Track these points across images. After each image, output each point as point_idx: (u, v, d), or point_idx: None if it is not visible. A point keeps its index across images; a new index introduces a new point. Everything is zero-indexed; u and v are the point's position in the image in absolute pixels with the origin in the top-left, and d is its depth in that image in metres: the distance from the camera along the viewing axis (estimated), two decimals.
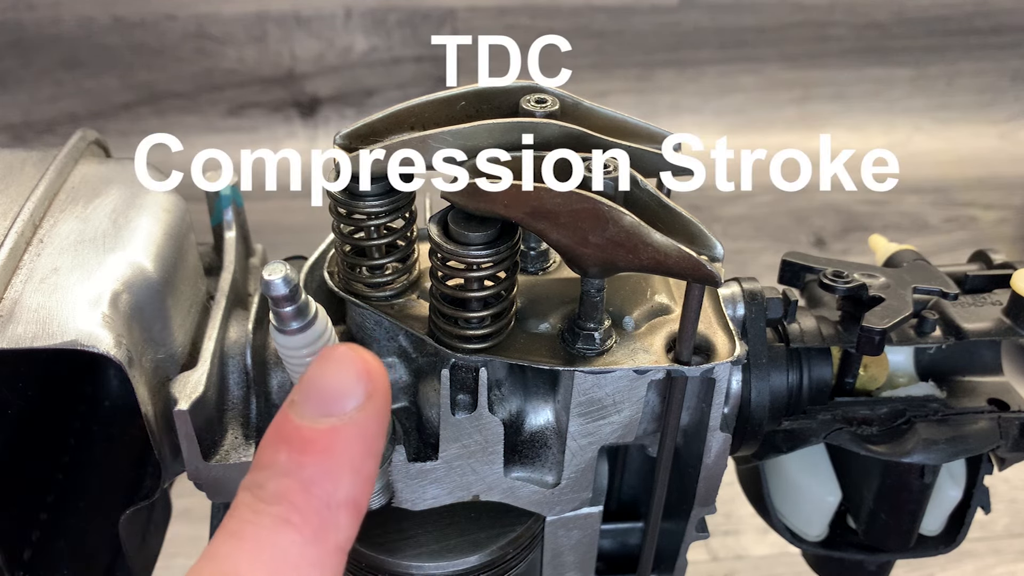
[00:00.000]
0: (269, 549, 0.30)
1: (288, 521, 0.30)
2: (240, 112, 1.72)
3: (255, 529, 0.30)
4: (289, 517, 0.30)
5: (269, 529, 0.30)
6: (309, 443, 0.31)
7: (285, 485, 0.30)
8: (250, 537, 0.30)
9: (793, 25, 1.81)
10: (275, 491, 0.30)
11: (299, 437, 0.31)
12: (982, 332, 0.52)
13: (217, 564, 0.30)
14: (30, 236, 0.45)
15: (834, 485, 0.58)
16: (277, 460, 0.31)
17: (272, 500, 0.30)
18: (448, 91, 0.41)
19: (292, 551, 0.30)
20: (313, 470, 0.30)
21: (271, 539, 0.30)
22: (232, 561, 0.30)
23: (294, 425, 0.31)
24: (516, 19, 1.72)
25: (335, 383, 0.31)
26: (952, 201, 1.78)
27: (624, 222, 0.37)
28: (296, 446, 0.31)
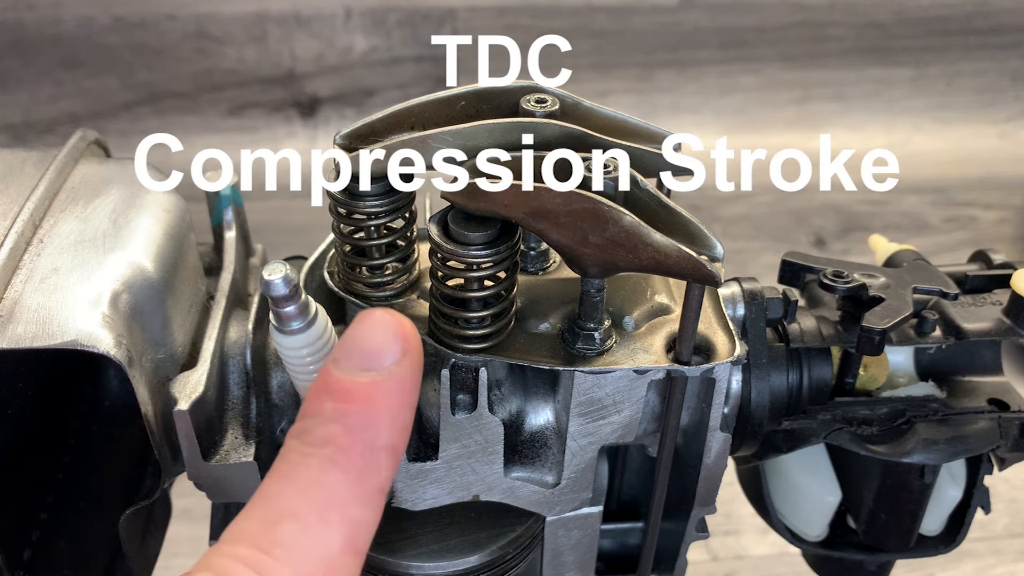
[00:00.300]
0: (318, 487, 0.32)
1: (335, 462, 0.32)
2: (240, 112, 1.72)
3: (304, 470, 0.32)
4: (335, 458, 0.32)
5: (317, 469, 0.32)
6: (352, 393, 0.33)
7: (331, 430, 0.33)
8: (300, 477, 0.32)
9: (793, 25, 1.81)
10: (322, 435, 0.33)
11: (342, 389, 0.33)
12: (982, 332, 0.52)
13: (269, 503, 0.32)
14: (30, 236, 0.45)
15: (834, 485, 0.58)
16: (323, 409, 0.33)
17: (320, 443, 0.33)
18: (448, 91, 0.41)
19: (339, 489, 0.32)
20: (356, 418, 0.33)
21: (320, 478, 0.32)
22: (283, 499, 0.32)
23: (337, 379, 0.34)
24: (516, 19, 1.72)
25: (374, 341, 0.34)
26: (952, 201, 1.78)
27: (624, 222, 0.37)
28: (340, 396, 0.33)
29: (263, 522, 0.32)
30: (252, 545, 0.31)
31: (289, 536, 0.31)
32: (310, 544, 0.31)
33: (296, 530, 0.31)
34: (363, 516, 0.33)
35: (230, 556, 0.31)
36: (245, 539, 0.31)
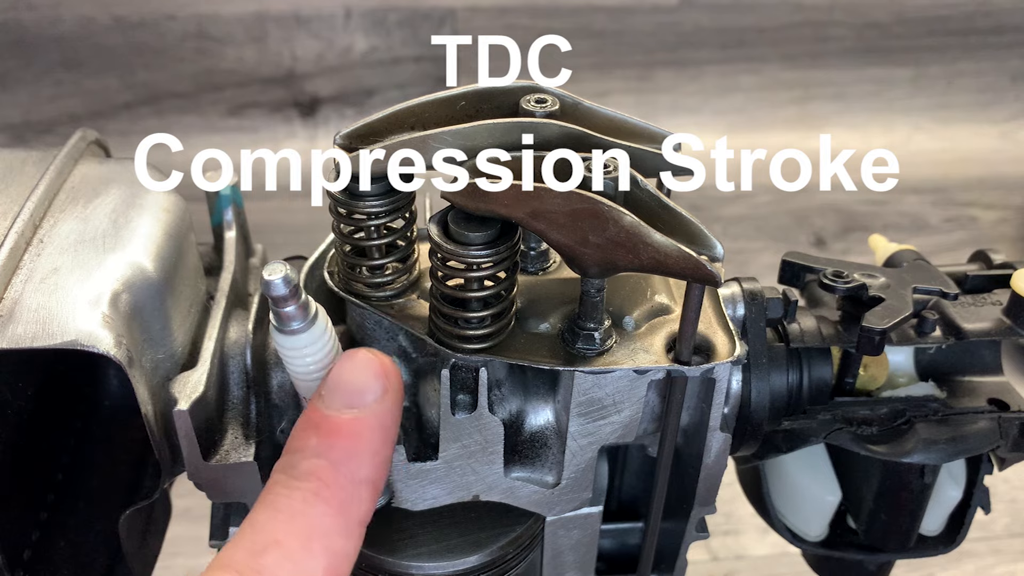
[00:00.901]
0: (302, 518, 0.34)
1: (318, 495, 0.34)
2: (240, 112, 1.72)
3: (289, 502, 0.34)
4: (319, 491, 0.34)
5: (302, 502, 0.34)
6: (336, 429, 0.35)
7: (316, 464, 0.35)
8: (285, 508, 0.34)
9: (793, 25, 1.81)
10: (307, 469, 0.35)
11: (327, 424, 0.36)
12: (982, 332, 0.52)
13: (256, 532, 0.34)
14: (30, 236, 0.45)
15: (834, 485, 0.58)
16: (308, 444, 0.35)
17: (304, 477, 0.35)
18: (448, 91, 0.41)
19: (323, 520, 0.34)
20: (340, 452, 0.35)
21: (304, 510, 0.34)
22: (270, 528, 0.34)
23: (322, 415, 0.36)
24: (516, 19, 1.72)
25: (357, 380, 0.37)
26: (952, 201, 1.78)
27: (624, 222, 0.37)
28: (324, 432, 0.35)
29: (250, 551, 0.33)
30: (238, 572, 0.32)
31: (274, 564, 0.33)
32: (294, 572, 0.33)
33: (280, 558, 0.33)
34: (345, 547, 0.35)
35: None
36: (232, 565, 0.33)
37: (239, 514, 0.50)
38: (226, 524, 0.51)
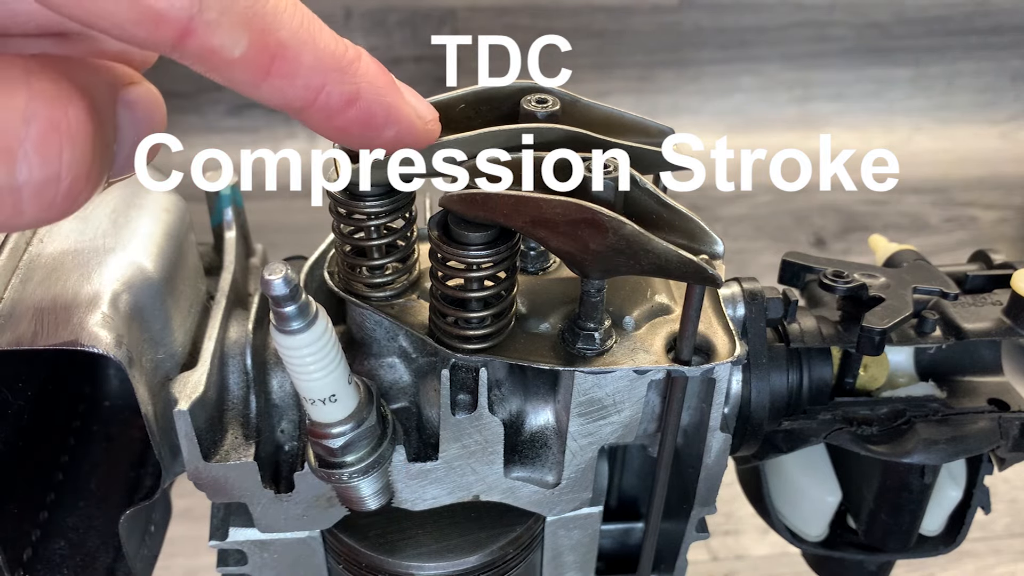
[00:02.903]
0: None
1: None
2: (240, 112, 1.72)
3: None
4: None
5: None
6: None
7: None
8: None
9: (793, 25, 1.81)
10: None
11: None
12: (982, 332, 0.52)
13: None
14: (30, 236, 0.45)
15: (834, 485, 0.58)
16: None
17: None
18: (447, 94, 0.41)
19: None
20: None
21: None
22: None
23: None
24: (516, 19, 1.72)
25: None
26: (952, 201, 1.78)
27: (624, 231, 0.37)
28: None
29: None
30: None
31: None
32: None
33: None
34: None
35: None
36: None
37: (239, 514, 0.50)
38: (226, 524, 0.51)
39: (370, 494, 0.44)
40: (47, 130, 0.26)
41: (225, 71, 0.28)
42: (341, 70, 0.31)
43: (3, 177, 0.25)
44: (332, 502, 0.48)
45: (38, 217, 0.27)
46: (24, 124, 0.25)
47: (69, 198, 0.27)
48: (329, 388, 0.40)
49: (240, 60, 0.28)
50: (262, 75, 0.29)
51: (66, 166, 0.26)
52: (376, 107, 0.32)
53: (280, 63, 0.29)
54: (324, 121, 0.32)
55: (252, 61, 0.28)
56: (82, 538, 0.51)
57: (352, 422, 0.41)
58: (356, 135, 0.33)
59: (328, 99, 0.31)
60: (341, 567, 0.52)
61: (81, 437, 0.54)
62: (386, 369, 0.48)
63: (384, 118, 0.33)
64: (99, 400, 0.55)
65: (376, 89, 0.32)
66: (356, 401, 0.41)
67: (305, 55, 0.29)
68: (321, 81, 0.30)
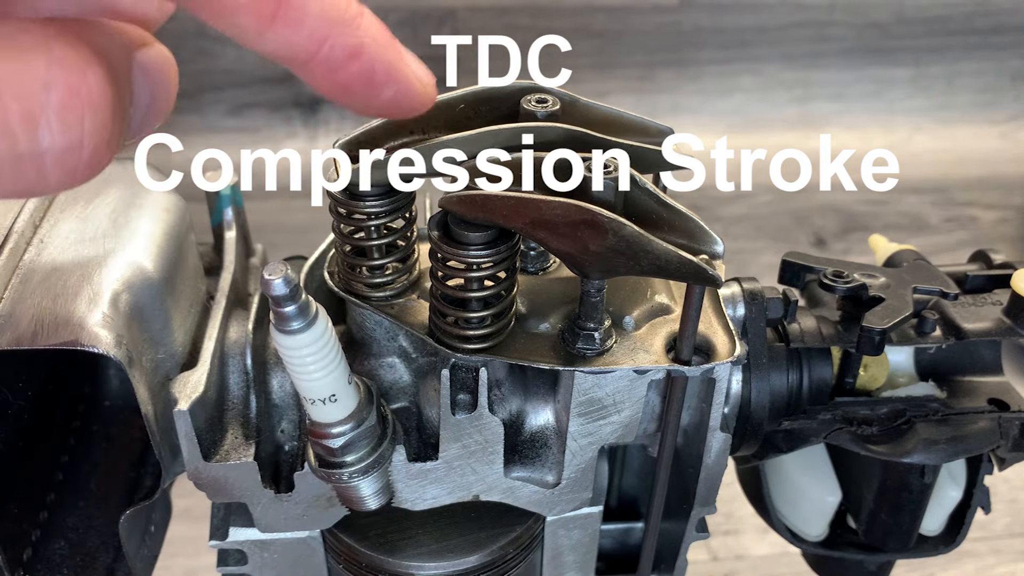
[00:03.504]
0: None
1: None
2: (240, 112, 1.72)
3: None
4: None
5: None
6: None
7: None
8: None
9: (793, 25, 1.81)
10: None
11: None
12: (982, 332, 0.52)
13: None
14: (30, 236, 0.45)
15: (834, 485, 0.58)
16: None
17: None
18: (447, 94, 0.41)
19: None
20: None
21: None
22: None
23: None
24: (516, 19, 1.72)
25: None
26: (952, 201, 1.78)
27: (624, 232, 0.37)
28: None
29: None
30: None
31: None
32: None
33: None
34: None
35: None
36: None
37: (239, 514, 0.50)
38: (226, 524, 0.51)
39: (370, 494, 0.44)
40: (68, 96, 0.25)
41: (230, 16, 0.28)
42: (345, 23, 0.31)
43: (26, 144, 0.25)
44: (332, 502, 0.48)
45: (61, 183, 0.27)
46: (45, 90, 0.25)
47: (91, 164, 0.27)
48: (329, 388, 0.40)
49: (246, 5, 0.27)
50: (267, 21, 0.28)
51: (88, 133, 0.26)
52: (378, 64, 0.32)
53: (286, 9, 0.28)
54: (326, 75, 0.31)
55: (258, 6, 0.28)
56: (82, 538, 0.51)
57: (352, 422, 0.41)
58: (357, 92, 0.33)
59: (331, 51, 0.31)
60: (341, 567, 0.52)
61: (81, 437, 0.54)
62: (386, 369, 0.48)
63: (385, 76, 0.33)
64: (99, 400, 0.55)
65: (379, 45, 0.32)
66: (356, 401, 0.41)
67: (311, 4, 0.29)
68: (326, 32, 0.30)
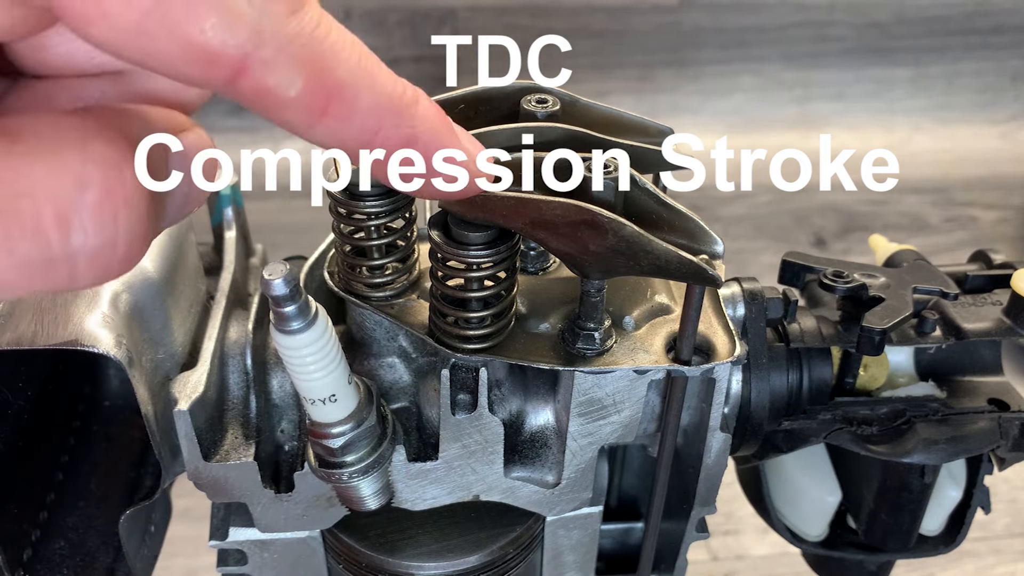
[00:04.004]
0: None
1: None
2: (240, 112, 1.71)
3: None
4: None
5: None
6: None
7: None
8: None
9: (793, 25, 1.81)
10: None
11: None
12: (982, 332, 0.52)
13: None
14: None
15: (834, 485, 0.58)
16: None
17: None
18: (446, 94, 0.41)
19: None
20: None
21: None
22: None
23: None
24: (516, 19, 1.72)
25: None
26: (952, 201, 1.78)
27: (624, 232, 0.37)
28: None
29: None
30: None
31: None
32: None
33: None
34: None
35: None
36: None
37: (239, 514, 0.50)
38: (226, 524, 0.51)
39: (370, 494, 0.44)
40: (103, 196, 0.24)
41: (279, 111, 0.27)
42: (398, 112, 0.30)
43: (58, 246, 0.24)
44: (332, 502, 0.48)
45: (94, 281, 0.26)
46: (79, 190, 0.24)
47: (126, 260, 0.26)
48: (329, 388, 0.40)
49: (295, 100, 0.27)
50: (317, 116, 0.28)
51: (123, 231, 0.25)
52: (432, 152, 0.32)
53: (337, 104, 0.28)
54: (378, 165, 0.31)
55: (307, 101, 0.27)
56: (82, 538, 0.51)
57: (352, 422, 0.41)
58: (410, 182, 0.32)
59: (384, 142, 0.30)
60: (341, 567, 0.52)
61: (81, 437, 0.54)
62: (386, 369, 0.48)
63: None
64: (99, 400, 0.55)
65: (434, 134, 0.31)
66: (356, 401, 0.41)
67: (362, 96, 0.28)
68: (377, 123, 0.29)
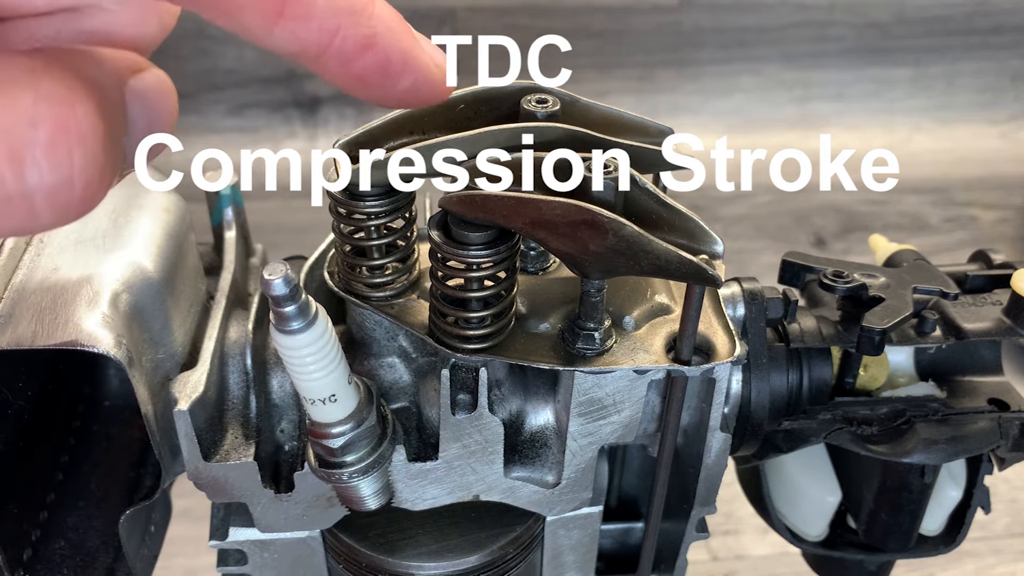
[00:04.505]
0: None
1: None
2: (240, 112, 1.72)
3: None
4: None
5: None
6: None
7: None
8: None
9: (793, 25, 1.81)
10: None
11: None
12: (982, 332, 0.52)
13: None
14: (30, 236, 0.45)
15: (834, 485, 0.58)
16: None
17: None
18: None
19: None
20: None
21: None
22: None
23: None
24: (516, 19, 1.72)
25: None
26: (952, 201, 1.78)
27: (624, 232, 0.37)
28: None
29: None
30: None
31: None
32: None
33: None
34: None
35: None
36: None
37: (239, 514, 0.50)
38: (226, 524, 0.51)
39: (370, 494, 0.44)
40: (55, 133, 0.24)
41: (236, 14, 0.27)
42: (356, 12, 0.30)
43: (12, 183, 0.24)
44: (332, 502, 0.48)
45: (54, 220, 0.26)
46: (31, 127, 0.24)
47: (84, 199, 0.26)
48: (329, 388, 0.40)
49: (251, 2, 0.26)
50: (274, 17, 0.27)
51: (78, 168, 0.25)
52: (393, 52, 0.31)
53: (292, 5, 0.27)
54: (340, 68, 0.30)
55: (263, 2, 0.27)
56: (82, 538, 0.51)
57: (352, 422, 0.41)
58: (373, 83, 0.31)
59: (343, 43, 0.29)
60: (341, 567, 0.52)
61: (81, 437, 0.54)
62: (386, 369, 0.48)
63: (401, 64, 0.32)
64: (99, 400, 0.55)
65: (393, 33, 0.31)
66: (356, 401, 0.41)
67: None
68: (336, 23, 0.29)
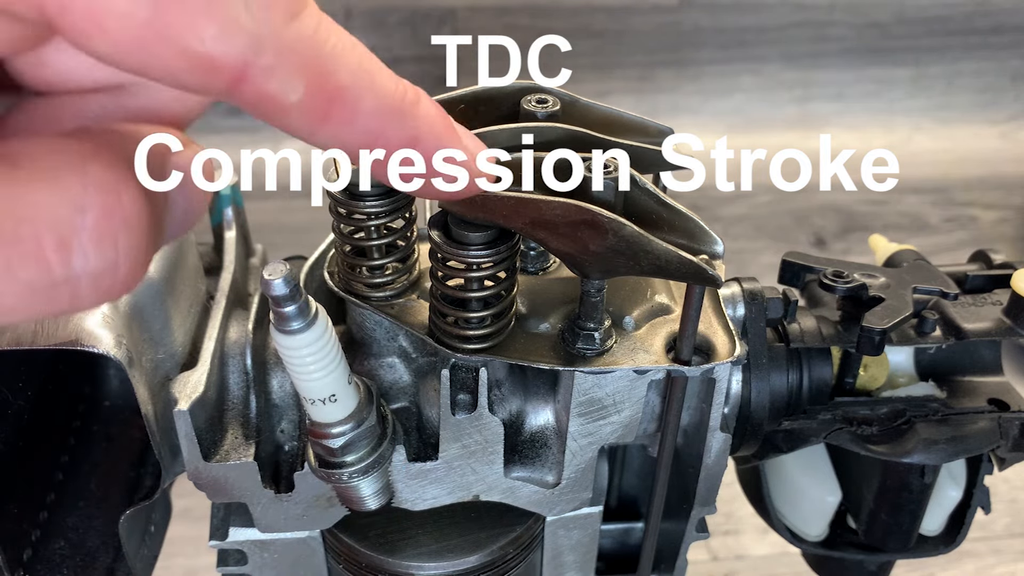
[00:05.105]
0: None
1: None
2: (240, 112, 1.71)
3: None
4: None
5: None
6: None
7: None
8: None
9: (793, 25, 1.81)
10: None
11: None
12: (982, 332, 0.52)
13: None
14: None
15: (834, 485, 0.58)
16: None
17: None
18: (446, 94, 0.41)
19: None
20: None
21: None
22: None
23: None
24: (516, 19, 1.72)
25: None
26: (952, 201, 1.78)
27: (624, 232, 0.37)
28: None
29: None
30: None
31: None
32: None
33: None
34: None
35: None
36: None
37: (239, 514, 0.50)
38: (226, 524, 0.51)
39: (370, 494, 0.44)
40: (102, 220, 0.25)
41: (281, 117, 0.27)
42: (401, 114, 0.30)
43: (59, 270, 0.24)
44: (332, 502, 0.48)
45: (96, 302, 0.26)
46: (79, 214, 0.24)
47: (127, 281, 0.26)
48: (329, 388, 0.40)
49: (297, 106, 0.27)
50: (320, 121, 0.28)
51: (123, 252, 0.25)
52: (430, 152, 0.32)
53: (339, 108, 0.28)
54: (379, 165, 0.31)
55: (309, 106, 0.27)
56: (82, 538, 0.51)
57: (352, 422, 0.41)
58: (411, 181, 0.32)
59: (387, 144, 0.30)
60: (341, 567, 0.52)
61: (81, 437, 0.54)
62: (386, 369, 0.48)
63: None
64: (99, 400, 0.55)
65: (436, 134, 0.32)
66: (356, 401, 0.41)
67: (364, 99, 0.28)
68: (380, 126, 0.29)
